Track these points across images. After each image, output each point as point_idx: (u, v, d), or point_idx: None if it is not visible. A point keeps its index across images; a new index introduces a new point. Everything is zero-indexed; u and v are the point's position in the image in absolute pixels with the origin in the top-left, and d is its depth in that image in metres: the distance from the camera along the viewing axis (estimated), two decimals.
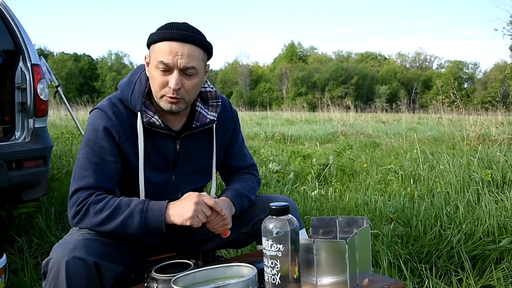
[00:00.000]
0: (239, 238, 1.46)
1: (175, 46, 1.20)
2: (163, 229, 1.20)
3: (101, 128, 1.26)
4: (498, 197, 3.10)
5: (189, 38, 1.21)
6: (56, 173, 4.21)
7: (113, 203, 1.21)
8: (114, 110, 1.29)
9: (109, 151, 1.26)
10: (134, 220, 1.19)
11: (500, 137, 5.97)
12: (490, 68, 53.87)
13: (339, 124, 11.47)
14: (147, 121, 1.29)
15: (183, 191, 1.41)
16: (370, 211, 3.00)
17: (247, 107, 25.41)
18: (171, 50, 1.20)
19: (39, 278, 2.19)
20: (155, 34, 1.24)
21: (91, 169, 1.24)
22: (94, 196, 1.22)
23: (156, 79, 1.24)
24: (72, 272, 1.07)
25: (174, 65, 1.21)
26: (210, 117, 1.39)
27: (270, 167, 4.70)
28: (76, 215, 1.22)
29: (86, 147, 1.27)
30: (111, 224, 1.20)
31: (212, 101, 1.41)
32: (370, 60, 62.77)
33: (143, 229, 1.20)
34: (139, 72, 1.34)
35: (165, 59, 1.20)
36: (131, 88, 1.31)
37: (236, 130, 1.52)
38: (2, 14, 2.87)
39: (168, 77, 1.22)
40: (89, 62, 58.73)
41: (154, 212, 1.21)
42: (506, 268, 2.04)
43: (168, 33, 1.21)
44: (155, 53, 1.23)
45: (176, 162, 1.39)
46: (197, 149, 1.41)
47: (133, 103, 1.28)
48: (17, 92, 2.85)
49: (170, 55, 1.20)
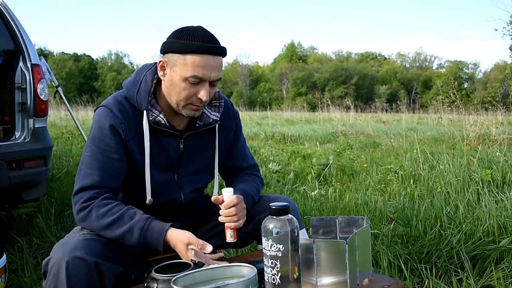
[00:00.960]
0: (240, 237, 1.46)
1: (210, 60, 1.22)
2: (161, 249, 1.22)
3: (107, 125, 1.26)
4: (498, 197, 3.10)
5: (219, 51, 1.24)
6: (56, 173, 4.21)
7: (117, 211, 1.22)
8: (120, 108, 1.29)
9: (115, 149, 1.27)
10: (133, 236, 1.21)
11: (500, 137, 5.97)
12: (490, 68, 53.90)
13: (339, 124, 11.46)
14: (153, 119, 1.30)
15: (185, 190, 1.43)
16: (370, 211, 2.99)
17: (247, 107, 25.45)
18: (206, 64, 1.21)
19: (39, 278, 2.19)
20: (182, 45, 1.21)
21: (97, 167, 1.25)
22: (100, 199, 1.23)
23: (183, 90, 1.24)
24: (73, 272, 1.08)
25: (207, 78, 1.23)
26: (213, 117, 1.41)
27: (270, 167, 4.70)
28: (80, 211, 1.23)
29: (92, 145, 1.27)
30: (111, 232, 1.21)
31: (215, 101, 1.43)
32: (370, 60, 62.75)
33: (141, 246, 1.22)
34: (145, 71, 1.35)
35: (200, 74, 1.21)
36: (137, 86, 1.31)
37: (238, 130, 1.53)
38: (2, 14, 2.87)
39: (196, 88, 1.24)
40: (89, 62, 58.69)
41: (154, 233, 1.22)
42: (506, 268, 2.04)
43: (200, 47, 1.20)
44: (185, 66, 1.21)
45: (179, 162, 1.40)
46: (200, 149, 1.42)
47: (139, 102, 1.29)
48: (17, 92, 2.85)
49: (205, 70, 1.21)
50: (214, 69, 1.23)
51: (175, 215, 1.45)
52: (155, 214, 1.29)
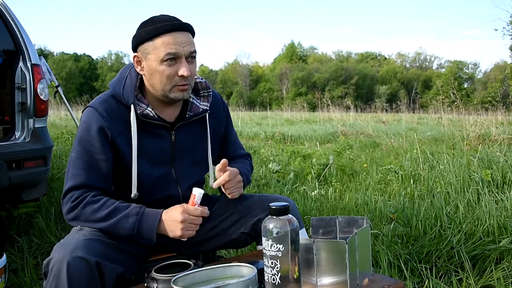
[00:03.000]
0: (239, 238, 1.46)
1: (178, 36, 1.25)
2: (153, 237, 1.23)
3: (92, 126, 1.28)
4: (498, 197, 3.10)
5: (184, 26, 1.27)
6: (56, 173, 4.20)
7: (111, 204, 1.24)
8: (106, 106, 1.30)
9: (100, 150, 1.28)
10: (128, 221, 1.22)
11: (500, 137, 5.96)
12: (490, 68, 53.87)
13: (339, 124, 11.46)
14: (141, 112, 1.31)
15: (182, 185, 1.42)
16: (370, 211, 2.99)
17: (247, 107, 25.44)
18: (176, 40, 1.24)
19: (39, 278, 2.19)
20: (147, 32, 1.26)
21: (83, 167, 1.26)
22: (91, 196, 1.25)
23: (163, 73, 1.26)
24: (74, 272, 1.08)
25: (182, 54, 1.25)
26: (202, 107, 1.42)
27: (270, 167, 4.70)
28: (71, 210, 1.25)
29: (78, 146, 1.29)
30: (105, 223, 1.22)
31: (203, 91, 1.45)
32: (370, 60, 62.73)
33: (135, 232, 1.22)
34: (129, 69, 1.37)
35: (173, 50, 1.23)
36: (122, 83, 1.33)
37: (229, 121, 1.56)
38: (2, 14, 2.87)
39: (175, 67, 1.26)
40: (89, 62, 58.70)
41: (149, 218, 1.23)
42: (506, 268, 2.04)
43: (165, 26, 1.24)
44: (156, 49, 1.25)
45: (173, 154, 1.40)
46: (192, 139, 1.43)
47: (126, 97, 1.30)
48: (17, 92, 2.85)
49: (176, 45, 1.24)
50: (185, 43, 1.26)
51: None
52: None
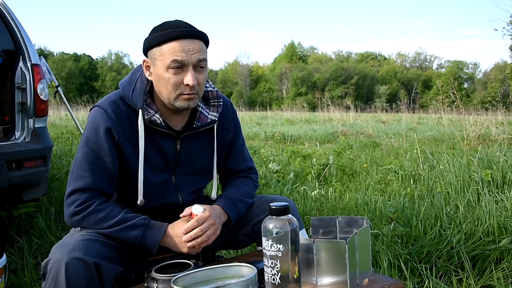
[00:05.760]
0: (239, 239, 1.46)
1: (186, 43, 1.21)
2: (155, 250, 1.24)
3: (100, 127, 1.25)
4: (498, 197, 3.10)
5: (194, 34, 1.23)
6: (56, 173, 4.21)
7: (117, 215, 1.24)
8: (114, 108, 1.28)
9: (108, 151, 1.26)
10: (132, 233, 1.22)
11: (500, 137, 5.96)
12: (490, 68, 53.80)
13: (339, 124, 11.46)
14: (148, 118, 1.28)
15: (183, 192, 1.41)
16: (370, 211, 2.99)
17: (247, 107, 25.43)
18: (183, 47, 1.21)
19: (39, 278, 2.19)
20: (155, 37, 1.23)
21: (89, 169, 1.24)
22: (96, 205, 1.23)
23: (169, 80, 1.23)
24: (72, 272, 1.07)
25: (189, 62, 1.22)
26: (211, 117, 1.38)
27: (270, 167, 4.70)
28: (74, 215, 1.23)
29: (84, 146, 1.26)
30: (109, 231, 1.23)
31: (214, 101, 1.40)
32: (370, 60, 62.72)
33: (137, 243, 1.23)
34: (140, 70, 1.34)
35: (179, 57, 1.20)
36: (132, 86, 1.30)
37: (237, 132, 1.50)
38: (2, 14, 2.87)
39: (181, 75, 1.23)
40: (89, 62, 58.66)
41: (153, 230, 1.24)
42: (506, 268, 2.04)
43: (173, 33, 1.21)
44: (163, 55, 1.22)
45: (176, 163, 1.38)
46: (197, 150, 1.40)
47: (134, 101, 1.28)
48: (17, 92, 2.84)
49: (183, 53, 1.21)
50: (193, 51, 1.22)
51: (173, 219, 1.40)
52: (153, 218, 1.29)
